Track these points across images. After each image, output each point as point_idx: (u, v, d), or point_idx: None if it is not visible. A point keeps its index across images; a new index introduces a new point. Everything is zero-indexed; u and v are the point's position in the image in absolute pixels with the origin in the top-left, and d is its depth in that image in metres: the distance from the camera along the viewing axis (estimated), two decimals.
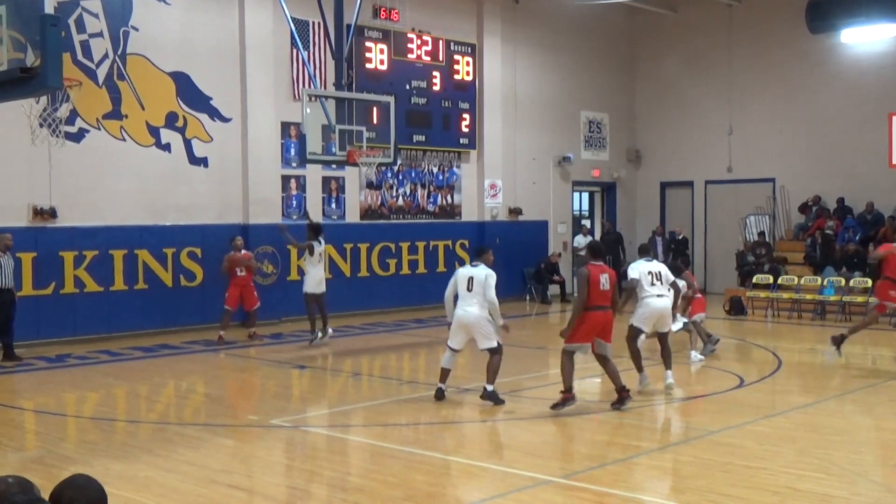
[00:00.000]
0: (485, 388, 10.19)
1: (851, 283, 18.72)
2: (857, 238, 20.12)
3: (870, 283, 18.41)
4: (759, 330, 17.75)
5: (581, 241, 23.35)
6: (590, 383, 12.32)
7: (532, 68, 22.71)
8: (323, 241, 15.19)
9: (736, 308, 19.60)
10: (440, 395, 10.46)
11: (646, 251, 11.85)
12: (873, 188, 20.85)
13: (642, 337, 11.32)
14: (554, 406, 9.73)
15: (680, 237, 23.42)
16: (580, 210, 25.21)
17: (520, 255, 21.83)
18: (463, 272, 10.47)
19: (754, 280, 20.13)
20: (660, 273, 10.94)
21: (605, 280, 9.78)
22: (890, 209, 20.41)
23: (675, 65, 24.44)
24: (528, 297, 21.94)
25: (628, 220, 25.33)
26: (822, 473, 7.53)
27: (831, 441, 8.73)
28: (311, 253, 14.92)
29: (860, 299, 18.36)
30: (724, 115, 23.46)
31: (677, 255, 23.20)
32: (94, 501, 3.18)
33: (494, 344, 10.19)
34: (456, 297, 10.42)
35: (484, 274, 10.24)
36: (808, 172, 22.12)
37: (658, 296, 10.82)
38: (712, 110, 23.73)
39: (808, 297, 19.07)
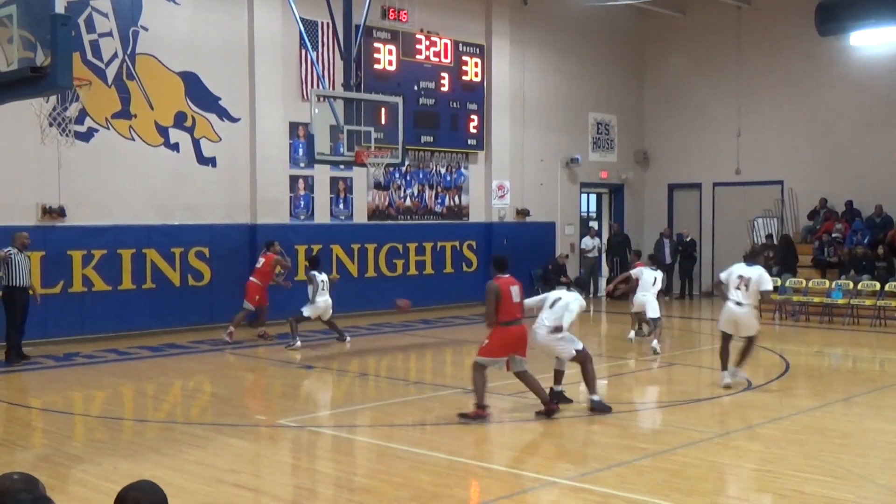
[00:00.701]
0: (591, 400, 9.87)
1: (860, 286, 18.66)
2: (866, 241, 20.08)
3: (878, 286, 18.38)
4: (767, 332, 17.61)
5: (588, 242, 23.36)
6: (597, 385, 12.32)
7: (540, 69, 22.70)
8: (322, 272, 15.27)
9: None
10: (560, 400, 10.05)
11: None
12: (882, 191, 20.80)
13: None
14: (463, 415, 9.50)
15: (688, 239, 23.38)
16: (588, 211, 25.19)
17: (527, 257, 21.79)
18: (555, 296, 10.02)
19: None
20: (749, 280, 11.11)
21: (515, 292, 9.50)
22: None
23: (684, 66, 24.42)
24: None
25: (636, 222, 25.30)
26: (829, 477, 7.51)
27: (838, 444, 8.71)
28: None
29: (868, 302, 18.31)
30: (732, 117, 23.42)
31: (685, 256, 23.22)
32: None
33: (573, 352, 9.89)
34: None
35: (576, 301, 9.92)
36: (817, 175, 22.07)
37: (737, 303, 11.15)
38: (720, 112, 23.70)
39: (816, 300, 19.02)
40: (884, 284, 18.30)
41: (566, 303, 9.84)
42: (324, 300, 14.95)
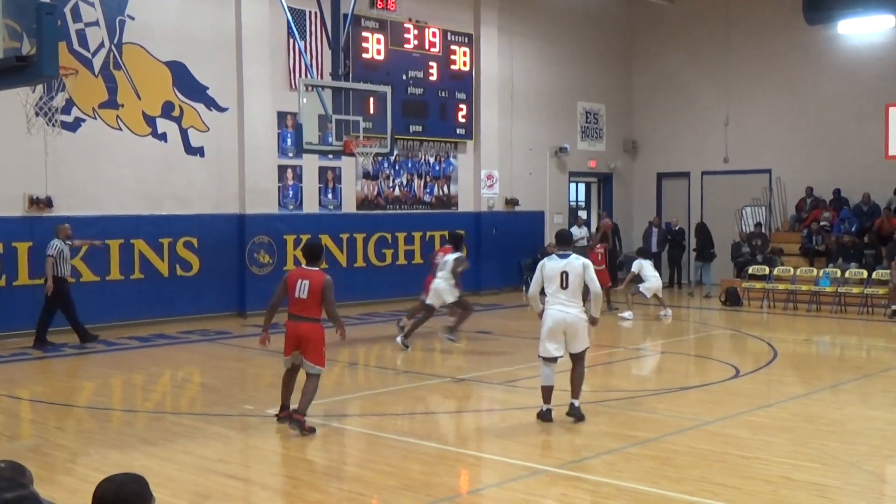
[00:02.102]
0: (572, 405, 9.01)
1: (847, 274, 18.75)
2: (853, 229, 20.17)
3: (865, 274, 18.48)
4: (755, 321, 17.79)
5: (577, 232, 23.35)
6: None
7: (529, 59, 22.68)
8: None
9: (732, 299, 19.64)
10: (548, 417, 8.95)
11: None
12: (870, 179, 20.86)
13: None
14: (276, 415, 9.06)
15: (676, 228, 23.43)
16: (577, 201, 25.20)
17: (516, 246, 21.86)
18: (552, 265, 8.82)
19: (750, 271, 20.17)
20: None
21: (301, 287, 8.54)
22: (886, 200, 20.46)
23: (673, 56, 24.43)
24: (524, 288, 21.92)
25: (625, 211, 25.34)
26: (816, 463, 7.56)
27: (826, 431, 8.77)
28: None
29: (856, 290, 18.40)
30: (720, 105, 23.44)
31: (674, 245, 23.27)
32: (124, 497, 3.09)
33: (588, 345, 9.05)
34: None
35: (581, 263, 8.78)
36: (805, 163, 22.14)
37: None
38: (709, 101, 23.72)
39: (804, 288, 19.12)
40: (871, 272, 18.41)
41: (582, 263, 8.82)
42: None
